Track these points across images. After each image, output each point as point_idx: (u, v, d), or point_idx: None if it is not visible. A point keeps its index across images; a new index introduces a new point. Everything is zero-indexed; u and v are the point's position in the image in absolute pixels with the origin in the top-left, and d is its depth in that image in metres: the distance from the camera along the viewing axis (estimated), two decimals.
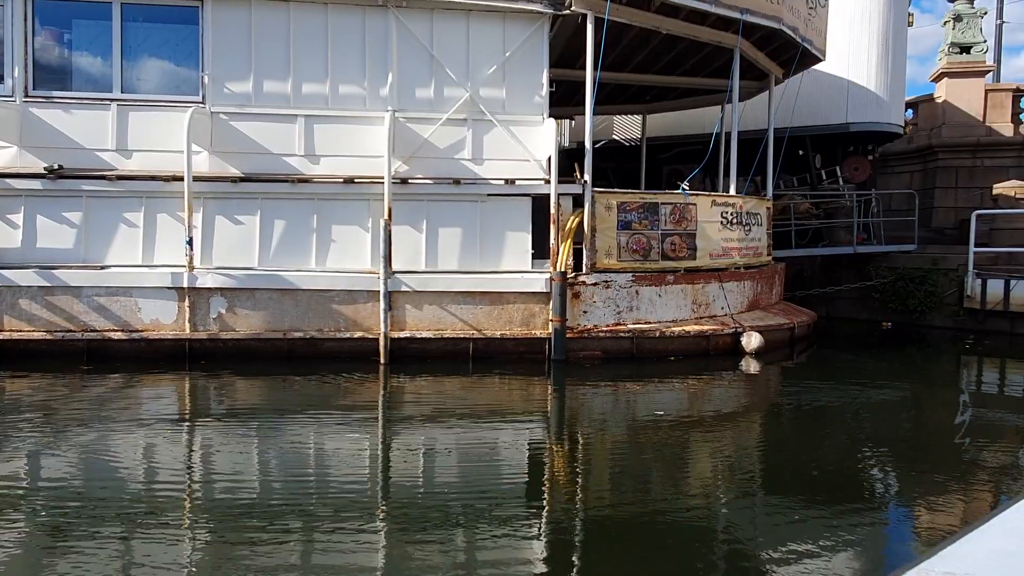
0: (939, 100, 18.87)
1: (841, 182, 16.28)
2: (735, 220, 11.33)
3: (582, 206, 10.06)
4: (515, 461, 6.18)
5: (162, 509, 4.70)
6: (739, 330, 10.57)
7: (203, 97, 9.82)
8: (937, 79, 19.18)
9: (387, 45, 10.04)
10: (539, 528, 4.63)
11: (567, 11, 10.05)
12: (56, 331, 9.16)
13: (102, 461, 5.71)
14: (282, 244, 9.73)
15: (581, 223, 10.01)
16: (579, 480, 5.70)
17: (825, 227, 15.87)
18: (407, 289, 9.65)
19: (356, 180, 9.86)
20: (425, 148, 10.12)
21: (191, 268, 9.31)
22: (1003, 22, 29.29)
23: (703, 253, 10.80)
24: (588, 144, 10.33)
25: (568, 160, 20.11)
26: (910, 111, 19.78)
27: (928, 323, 14.31)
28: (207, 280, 9.34)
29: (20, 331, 9.14)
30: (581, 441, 6.88)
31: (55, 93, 9.67)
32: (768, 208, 12.70)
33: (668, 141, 17.85)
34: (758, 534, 4.73)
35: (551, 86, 10.50)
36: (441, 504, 4.94)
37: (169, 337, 9.29)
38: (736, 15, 10.47)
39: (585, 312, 9.94)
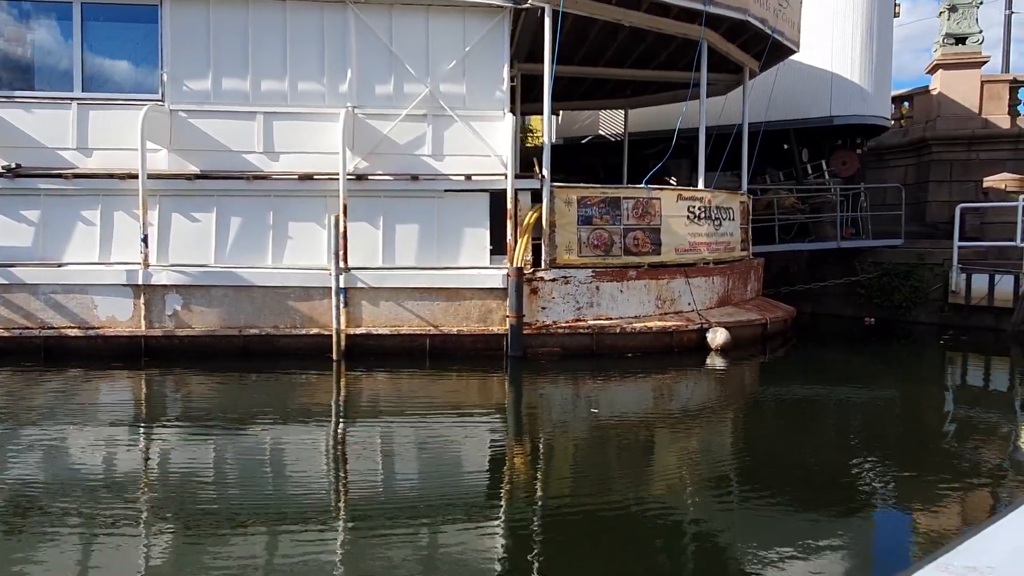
0: (934, 92, 18.49)
1: (827, 176, 16.02)
2: (703, 215, 11.17)
3: (541, 201, 9.96)
4: (471, 458, 6.09)
5: (113, 509, 4.62)
6: (705, 326, 10.42)
7: (162, 95, 9.86)
8: (932, 71, 18.80)
9: (346, 41, 10.01)
10: (498, 525, 4.56)
11: (527, 5, 9.96)
12: (13, 328, 9.25)
13: (51, 460, 5.70)
14: (238, 241, 9.74)
15: (540, 218, 9.92)
16: (535, 477, 5.61)
17: (811, 222, 15.62)
18: (363, 285, 9.62)
19: (313, 177, 9.85)
20: (385, 144, 10.07)
21: (146, 265, 9.35)
22: (1011, 12, 28.71)
23: (668, 248, 10.66)
24: (547, 139, 10.24)
25: (555, 157, 20.04)
26: (905, 103, 19.43)
27: (913, 319, 14.04)
28: (162, 277, 9.38)
29: None
30: (534, 438, 6.80)
31: (16, 92, 9.75)
32: (742, 202, 12.51)
33: (654, 136, 17.65)
34: (713, 528, 4.63)
35: (513, 81, 10.42)
36: (398, 502, 4.86)
37: (125, 334, 9.33)
38: (699, 6, 10.32)
39: (543, 308, 9.85)
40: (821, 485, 5.42)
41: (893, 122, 19.29)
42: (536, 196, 10.07)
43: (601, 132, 18.91)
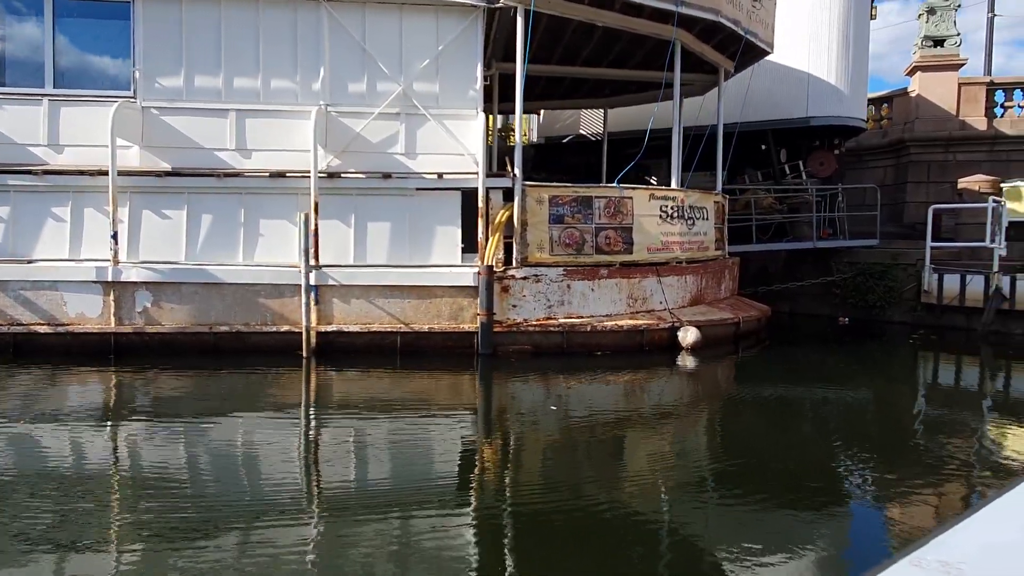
0: (913, 94, 18.66)
1: (804, 176, 16.13)
2: (676, 214, 11.25)
3: (513, 200, 10.01)
4: (438, 456, 6.10)
5: (82, 505, 4.61)
6: (676, 325, 10.49)
7: (134, 92, 9.85)
8: (911, 73, 18.96)
9: (319, 39, 10.03)
10: (465, 522, 4.57)
11: (499, 4, 10.00)
12: None
13: (16, 456, 5.72)
14: (209, 238, 9.75)
15: (511, 217, 9.97)
16: (503, 475, 5.64)
17: (789, 222, 15.74)
18: (334, 283, 9.64)
19: (286, 174, 9.87)
20: (358, 142, 10.10)
21: (116, 262, 9.35)
22: (994, 15, 28.95)
23: (640, 247, 10.72)
24: (519, 138, 10.30)
25: (537, 156, 20.12)
26: (885, 105, 19.59)
27: (888, 318, 14.16)
28: (132, 274, 9.38)
29: None
30: (502, 435, 6.81)
31: None
32: (716, 202, 12.60)
33: (634, 135, 17.71)
34: (683, 526, 4.67)
35: (487, 80, 10.46)
36: (364, 500, 4.88)
37: (94, 331, 9.33)
38: (671, 7, 10.39)
39: (514, 306, 9.90)
40: (789, 483, 5.45)
41: (871, 123, 19.47)
42: (508, 195, 10.11)
43: (582, 131, 18.98)
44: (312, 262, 9.49)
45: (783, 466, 5.90)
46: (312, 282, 9.50)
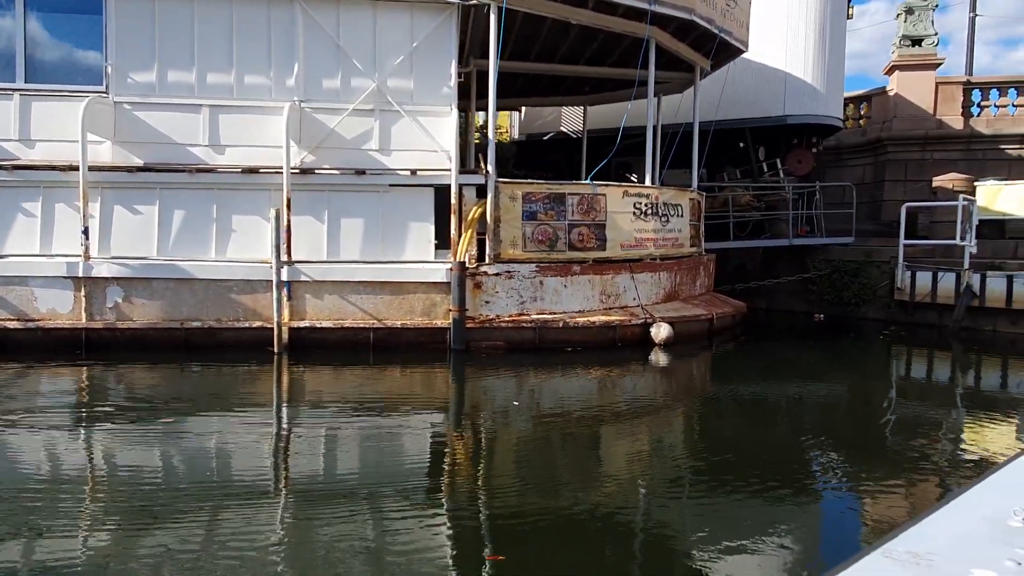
0: (891, 93, 18.82)
1: (782, 174, 16.26)
2: (650, 211, 11.33)
3: (486, 196, 10.06)
4: (407, 450, 6.09)
5: (56, 500, 4.62)
6: (648, 321, 10.58)
7: (107, 87, 9.82)
8: (890, 72, 19.12)
9: (293, 35, 10.03)
10: (438, 518, 4.55)
11: (473, 2, 10.03)
12: None
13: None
14: (181, 234, 9.75)
15: (484, 213, 10.01)
16: (473, 470, 5.65)
17: (767, 219, 15.86)
18: (307, 279, 9.67)
19: (259, 170, 9.88)
20: (332, 138, 10.12)
21: (87, 257, 9.33)
22: (975, 15, 29.19)
23: (614, 244, 10.80)
24: (491, 135, 10.33)
25: (521, 153, 20.15)
26: (864, 104, 19.74)
27: (862, 315, 14.32)
28: (103, 270, 9.37)
29: None
30: (472, 430, 6.82)
31: None
32: (692, 199, 12.69)
33: (615, 133, 17.79)
34: (655, 521, 4.70)
35: (462, 78, 10.50)
36: (335, 496, 4.82)
37: (65, 327, 9.32)
38: (645, 5, 10.45)
39: (487, 302, 9.95)
40: (758, 477, 5.48)
41: (851, 122, 19.63)
42: (481, 192, 10.16)
43: (563, 129, 19.04)
44: (284, 258, 9.51)
45: (751, 461, 5.97)
46: (285, 278, 9.52)
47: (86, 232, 9.31)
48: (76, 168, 9.30)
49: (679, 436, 7.04)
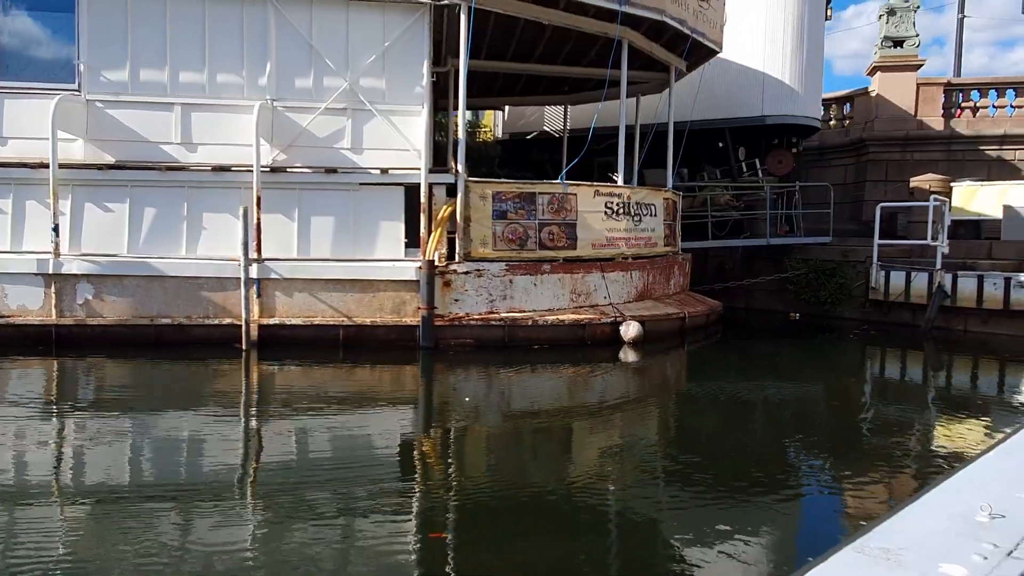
0: (873, 94, 18.91)
1: (761, 174, 16.34)
2: (622, 210, 11.40)
3: (456, 195, 10.13)
4: (375, 447, 6.09)
5: (19, 496, 4.67)
6: (618, 320, 10.65)
7: (79, 85, 9.88)
8: (871, 73, 19.20)
9: (266, 34, 10.10)
10: (406, 514, 4.55)
11: (445, 2, 10.10)
12: None
13: None
14: (152, 231, 9.81)
15: (455, 212, 10.09)
16: (441, 466, 5.68)
17: (747, 219, 15.95)
18: (277, 276, 9.74)
19: (231, 168, 9.94)
20: (304, 137, 10.19)
21: (57, 254, 9.40)
22: (964, 16, 29.27)
23: (585, 243, 10.87)
24: (462, 134, 10.43)
25: (505, 152, 20.19)
26: (846, 105, 19.82)
27: (838, 314, 14.41)
28: (73, 267, 9.43)
29: None
30: (439, 427, 6.87)
31: None
32: (666, 199, 12.76)
33: (599, 132, 17.87)
34: (629, 517, 4.79)
35: (435, 78, 10.56)
36: (301, 492, 4.80)
37: (35, 323, 9.38)
38: (615, 6, 10.53)
39: (456, 300, 10.03)
40: (726, 473, 5.51)
41: (834, 122, 19.72)
42: (451, 190, 10.23)
43: (546, 128, 19.10)
44: (254, 255, 9.57)
45: (710, 455, 6.04)
46: (254, 275, 9.59)
47: (56, 229, 9.37)
48: (47, 165, 9.36)
49: (639, 432, 7.11)
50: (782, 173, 16.58)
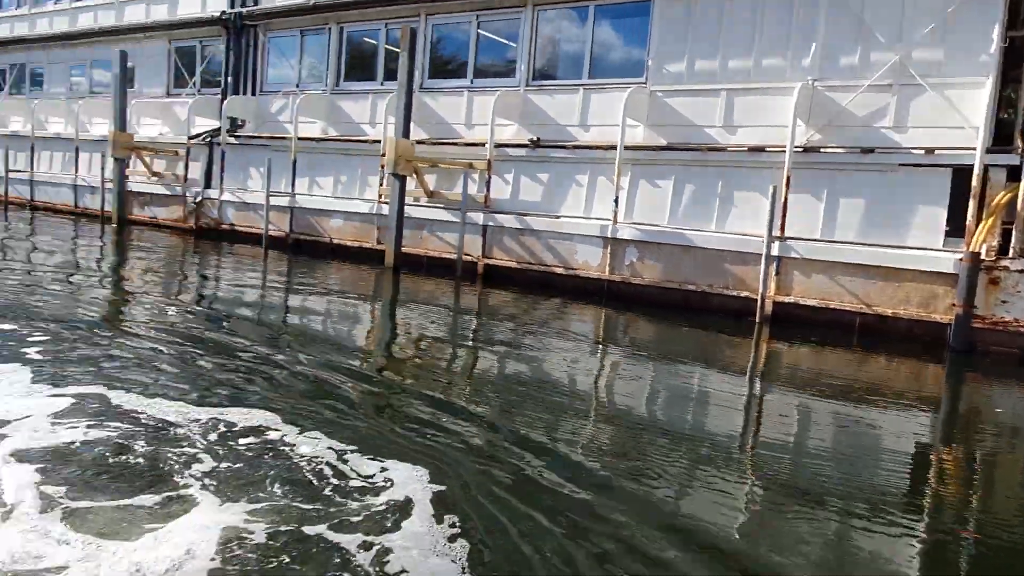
0: None
1: None
2: None
3: (1020, 180, 8.68)
4: (885, 447, 5.56)
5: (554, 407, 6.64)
6: None
7: (645, 79, 11.61)
8: None
9: (815, 14, 10.20)
10: (908, 532, 3.92)
11: None
12: (523, 262, 12.33)
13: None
14: (688, 206, 11.02)
15: (1014, 199, 8.67)
16: (966, 489, 4.84)
17: None
18: (796, 256, 9.92)
19: (765, 148, 10.43)
20: (841, 116, 10.02)
21: (615, 222, 11.34)
22: None
23: None
24: None
25: None
26: None
27: None
28: (625, 233, 11.26)
29: (501, 260, 12.58)
30: (965, 441, 6.06)
31: (545, 82, 12.66)
32: None
33: None
34: None
35: (1004, 42, 9.12)
36: (802, 478, 4.62)
37: (594, 276, 11.57)
38: None
39: (1004, 302, 8.67)
40: None
41: None
42: (1014, 174, 8.79)
43: None
44: (777, 233, 9.93)
45: None
46: (775, 253, 9.96)
47: (616, 201, 11.30)
48: (615, 147, 11.30)
49: None
50: None
